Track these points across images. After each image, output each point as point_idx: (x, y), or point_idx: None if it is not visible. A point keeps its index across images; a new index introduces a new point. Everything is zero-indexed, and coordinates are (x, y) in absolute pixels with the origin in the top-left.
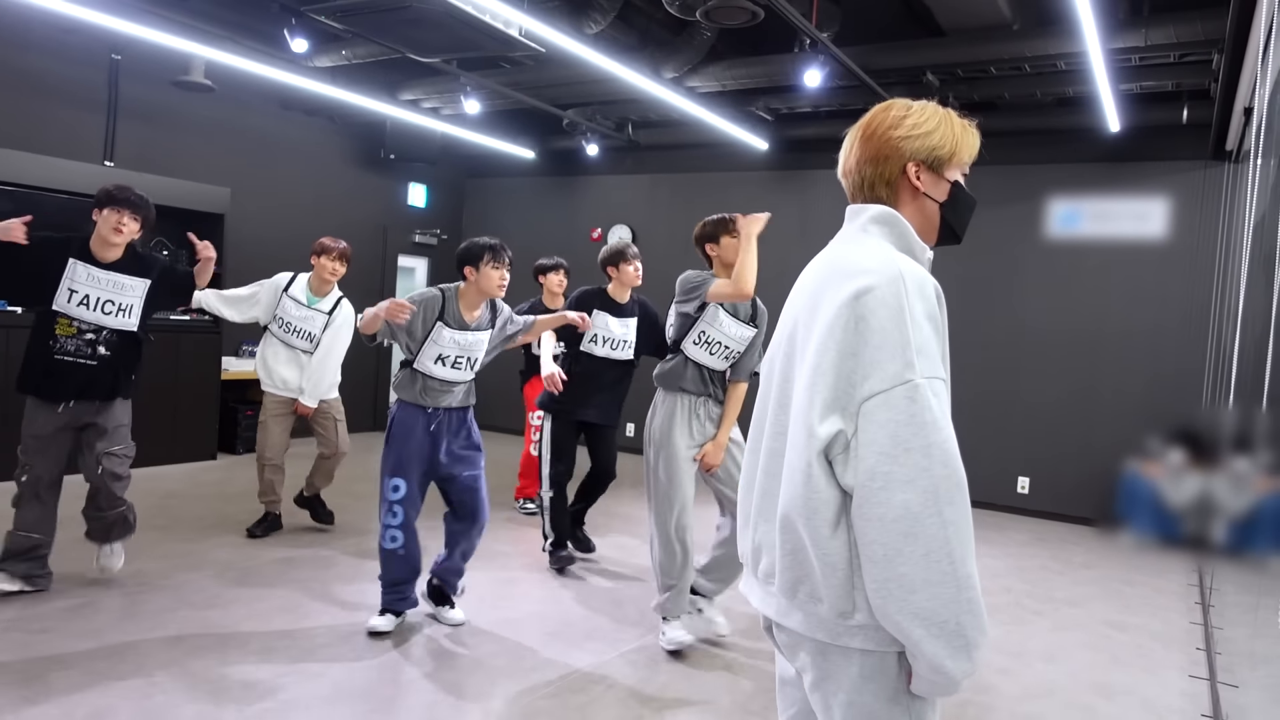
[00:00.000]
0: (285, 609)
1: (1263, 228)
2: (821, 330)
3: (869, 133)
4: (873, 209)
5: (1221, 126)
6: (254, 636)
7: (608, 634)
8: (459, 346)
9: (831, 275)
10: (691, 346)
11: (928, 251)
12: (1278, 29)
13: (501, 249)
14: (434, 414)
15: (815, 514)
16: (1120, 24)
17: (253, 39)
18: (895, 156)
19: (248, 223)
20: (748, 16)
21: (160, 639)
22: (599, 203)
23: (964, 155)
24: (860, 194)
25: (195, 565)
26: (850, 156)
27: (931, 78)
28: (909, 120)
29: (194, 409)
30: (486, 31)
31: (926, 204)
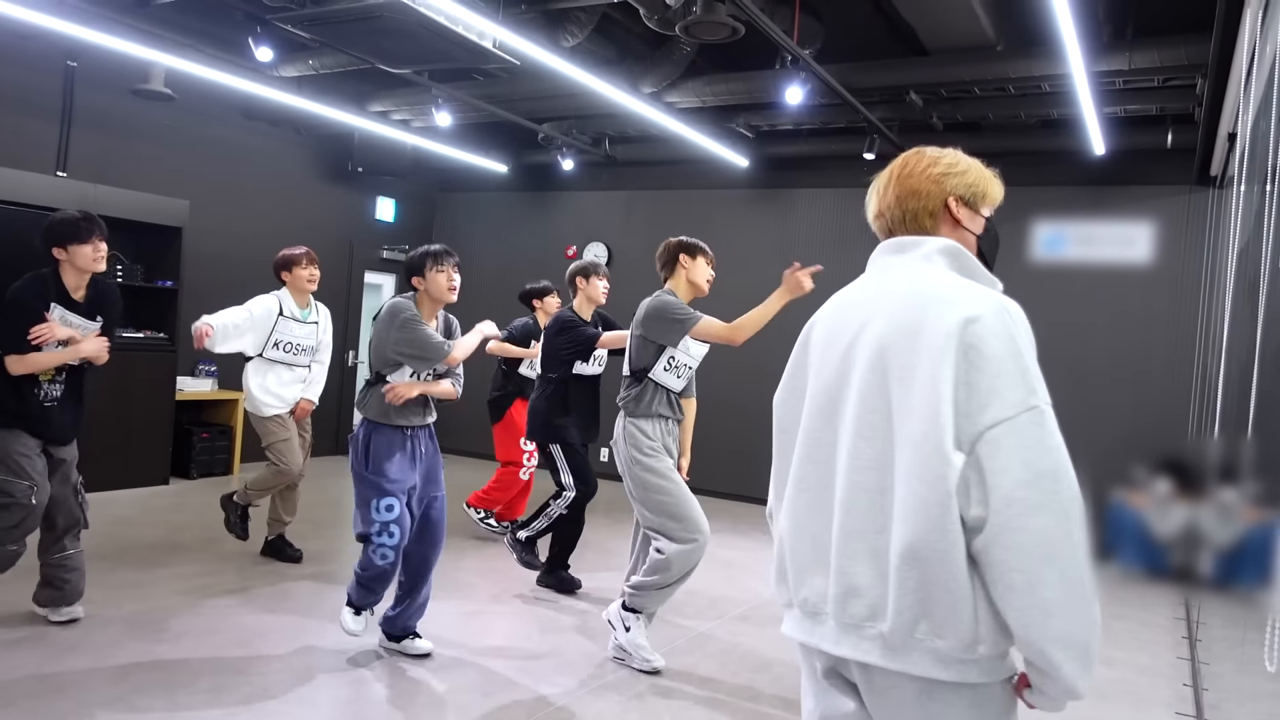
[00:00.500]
0: (239, 643)
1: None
2: (930, 359)
3: (906, 172)
4: (937, 240)
5: (1206, 152)
6: (205, 672)
7: (577, 666)
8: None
9: (921, 302)
10: (662, 373)
11: (998, 283)
12: (1260, 54)
13: (445, 252)
14: (410, 433)
15: (954, 546)
16: (1104, 47)
17: (215, 47)
18: (937, 191)
19: (207, 237)
20: (728, 32)
21: (105, 674)
22: (574, 219)
23: (994, 195)
24: (902, 228)
25: (144, 596)
26: (885, 195)
27: (915, 97)
28: (945, 160)
29: (146, 430)
30: (459, 43)
31: (965, 236)
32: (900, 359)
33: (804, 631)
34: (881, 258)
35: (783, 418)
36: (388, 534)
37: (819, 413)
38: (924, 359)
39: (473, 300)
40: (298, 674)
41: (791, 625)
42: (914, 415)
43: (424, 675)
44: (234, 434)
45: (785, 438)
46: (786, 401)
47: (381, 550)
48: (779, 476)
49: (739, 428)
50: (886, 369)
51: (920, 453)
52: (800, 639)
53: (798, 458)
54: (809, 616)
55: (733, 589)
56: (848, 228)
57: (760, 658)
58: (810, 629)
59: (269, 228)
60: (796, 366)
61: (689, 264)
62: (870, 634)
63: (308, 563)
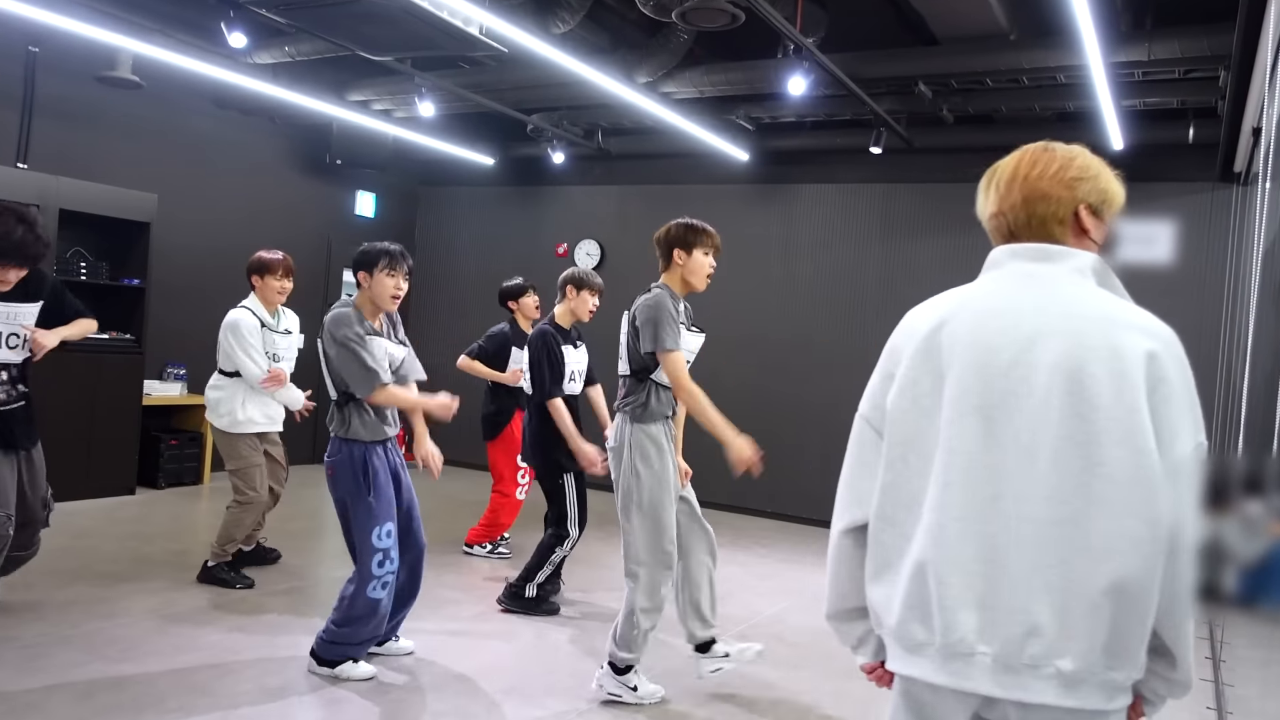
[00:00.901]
0: (209, 663)
1: (1273, 255)
2: (1130, 388)
3: (1036, 173)
4: (1086, 255)
5: (1229, 147)
6: (173, 693)
7: (569, 688)
8: (391, 358)
9: (1106, 325)
10: (661, 373)
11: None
12: None
13: (401, 256)
14: (387, 448)
15: (1156, 580)
16: (1122, 36)
17: (185, 32)
18: (1068, 198)
19: (176, 232)
20: (727, 19)
21: (67, 694)
22: (565, 215)
23: (1119, 203)
24: (1026, 232)
25: (108, 613)
26: (1009, 194)
27: (924, 88)
28: (1077, 162)
29: (111, 437)
30: (444, 29)
31: (1089, 246)
32: (1097, 386)
33: (949, 674)
34: (1021, 264)
35: (903, 430)
36: (389, 561)
37: (974, 434)
38: (1124, 387)
39: (457, 300)
40: (270, 694)
41: (926, 668)
42: (1118, 447)
43: (404, 696)
44: (204, 441)
45: (903, 451)
46: (908, 413)
47: (383, 580)
48: (888, 494)
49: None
50: (1081, 395)
51: (1133, 487)
52: (941, 682)
53: (944, 482)
54: (956, 658)
55: (732, 606)
56: (853, 225)
57: (762, 679)
58: (960, 670)
59: (242, 223)
60: (920, 373)
61: (683, 259)
62: (1046, 673)
63: (279, 578)
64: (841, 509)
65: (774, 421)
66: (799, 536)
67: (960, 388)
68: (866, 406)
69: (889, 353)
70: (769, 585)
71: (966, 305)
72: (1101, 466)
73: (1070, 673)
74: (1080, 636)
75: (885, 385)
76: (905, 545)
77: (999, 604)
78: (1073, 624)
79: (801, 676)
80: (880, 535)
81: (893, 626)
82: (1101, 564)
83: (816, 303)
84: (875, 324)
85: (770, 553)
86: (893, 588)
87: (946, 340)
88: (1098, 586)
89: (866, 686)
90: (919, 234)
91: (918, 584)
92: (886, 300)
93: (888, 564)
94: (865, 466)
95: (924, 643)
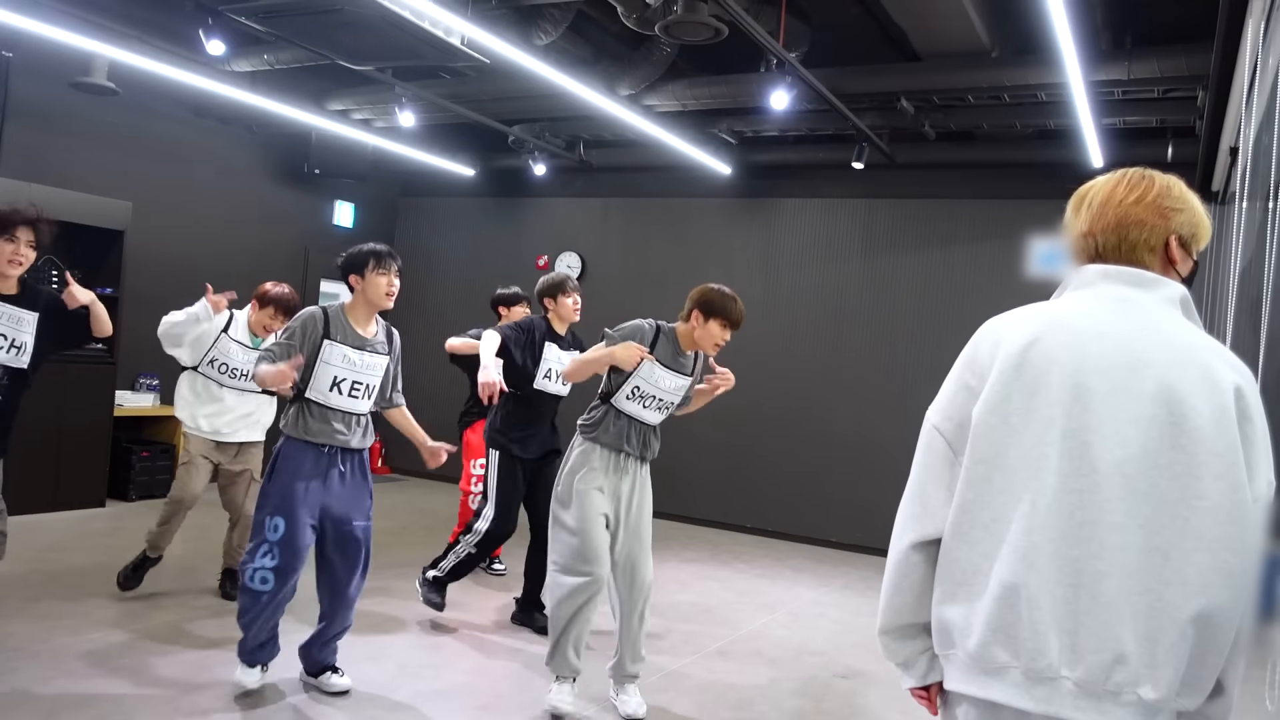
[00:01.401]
0: (178, 679)
1: (1249, 273)
2: (1225, 422)
3: (1134, 198)
4: (1176, 285)
5: (1207, 166)
6: (140, 710)
7: (543, 707)
8: (355, 368)
9: (1202, 357)
10: (625, 401)
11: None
12: (1263, 67)
13: (389, 255)
14: (329, 453)
15: (1241, 613)
16: (1102, 55)
17: (163, 38)
18: (1162, 226)
19: (151, 241)
20: (710, 33)
21: (30, 712)
22: (546, 227)
23: (1206, 240)
24: (1115, 255)
25: (76, 628)
26: (1104, 215)
27: (906, 104)
28: (1174, 192)
29: (82, 449)
30: (426, 39)
31: (1174, 277)
32: (1197, 419)
33: (1033, 699)
34: (1115, 287)
35: (989, 447)
36: (269, 554)
37: (1070, 457)
38: (1224, 422)
39: (438, 312)
40: (241, 713)
41: (1009, 692)
42: (1218, 480)
43: (380, 715)
44: (176, 453)
45: (988, 469)
46: (996, 429)
47: (261, 573)
48: (967, 511)
49: (719, 451)
50: (1181, 428)
51: (1229, 522)
52: (1024, 706)
53: (1035, 504)
54: (1041, 683)
55: (710, 622)
56: (835, 240)
57: (740, 695)
58: (1044, 696)
59: (218, 232)
60: (1012, 390)
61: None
62: (1127, 699)
63: None
64: (910, 522)
65: (755, 435)
66: (779, 552)
67: (1057, 409)
68: (939, 418)
69: (968, 363)
70: (748, 601)
71: (1061, 324)
72: (1200, 500)
73: (1151, 701)
74: (1164, 666)
75: (964, 397)
76: (984, 564)
77: (1087, 630)
78: (1158, 653)
79: (781, 693)
80: (954, 553)
81: (972, 648)
82: (1195, 596)
83: (798, 317)
84: (856, 338)
85: (749, 568)
86: (972, 608)
87: (1040, 358)
88: (1187, 617)
89: (846, 702)
90: (900, 249)
91: (1005, 606)
92: (868, 315)
93: (963, 583)
94: (938, 479)
95: (1007, 665)
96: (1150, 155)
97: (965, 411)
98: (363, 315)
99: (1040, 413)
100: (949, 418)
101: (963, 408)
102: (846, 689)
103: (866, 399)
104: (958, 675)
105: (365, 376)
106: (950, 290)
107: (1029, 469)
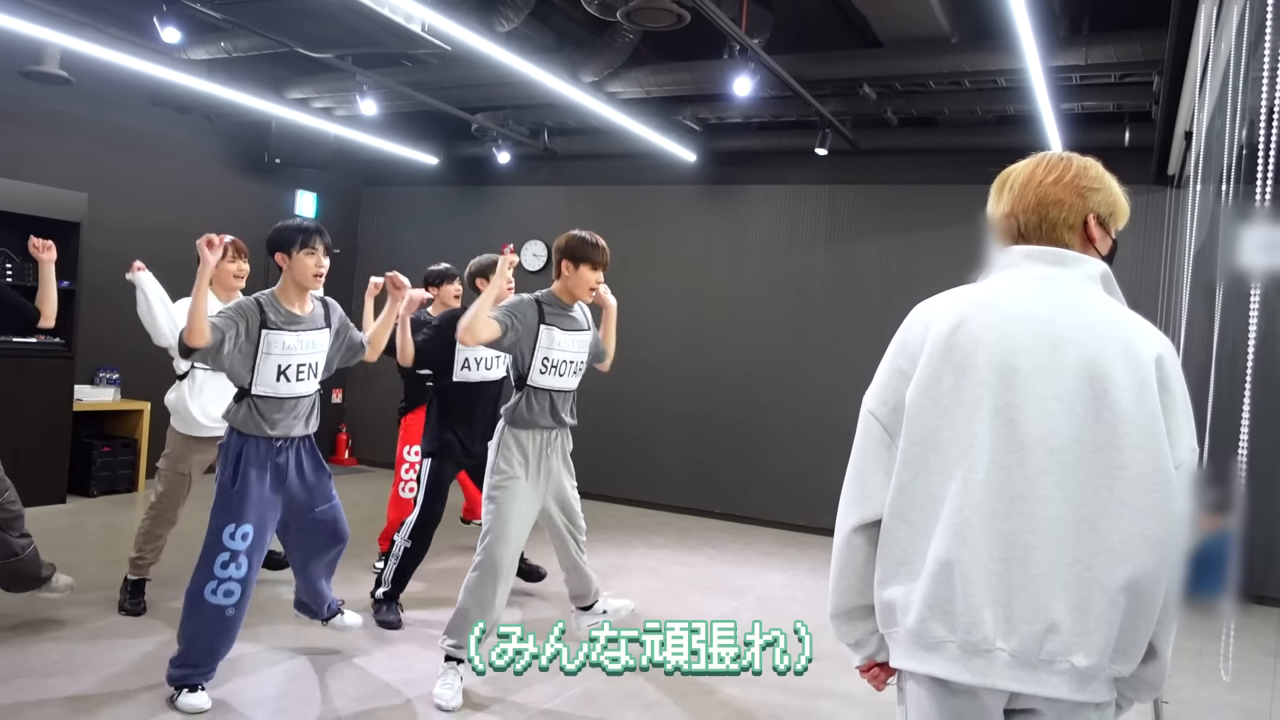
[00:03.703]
0: (139, 671)
1: (1203, 256)
2: (1147, 393)
3: (1052, 178)
4: (1095, 262)
5: (1163, 151)
6: (104, 706)
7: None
8: (295, 351)
9: (1124, 331)
10: (540, 377)
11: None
12: (1215, 53)
13: (318, 231)
14: (281, 445)
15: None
16: (1060, 41)
17: (117, 26)
18: (1080, 205)
19: (107, 233)
20: (672, 19)
21: None
22: (511, 215)
23: (1125, 218)
24: (1037, 235)
25: (37, 626)
26: (1024, 196)
27: (868, 90)
28: (1090, 172)
29: (40, 444)
30: (386, 26)
31: (1094, 255)
32: (1119, 391)
33: (970, 671)
34: (1037, 266)
35: (923, 428)
36: (234, 564)
37: (998, 435)
38: (1144, 394)
39: None
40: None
41: (947, 666)
42: (1139, 450)
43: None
44: (139, 448)
45: (922, 450)
46: (929, 411)
47: (226, 585)
48: (905, 492)
49: (687, 437)
50: (1104, 400)
51: (1152, 490)
52: (961, 679)
53: (968, 481)
54: (977, 655)
55: (680, 608)
56: (800, 225)
57: (709, 680)
58: (980, 668)
59: (176, 223)
60: (942, 371)
61: (570, 272)
62: (1061, 668)
63: None
64: (851, 505)
65: (722, 421)
66: (748, 537)
67: (985, 388)
68: (874, 403)
69: (900, 348)
70: (717, 586)
71: (987, 305)
72: (1123, 470)
73: (1084, 669)
74: (1095, 633)
75: (897, 381)
76: (923, 543)
77: (1019, 602)
78: (1089, 621)
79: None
80: (895, 533)
81: (911, 625)
82: (1121, 564)
83: (763, 302)
84: (821, 323)
85: (719, 553)
86: (911, 586)
87: (967, 339)
88: (1116, 585)
89: (814, 684)
90: (864, 234)
91: (940, 582)
92: (833, 300)
93: (903, 562)
94: (875, 463)
95: (944, 640)
96: (1107, 140)
97: (899, 395)
98: (294, 295)
99: (969, 393)
100: (883, 402)
101: (896, 391)
102: (815, 671)
103: (832, 384)
104: (900, 652)
105: (308, 356)
106: (914, 275)
107: (960, 448)
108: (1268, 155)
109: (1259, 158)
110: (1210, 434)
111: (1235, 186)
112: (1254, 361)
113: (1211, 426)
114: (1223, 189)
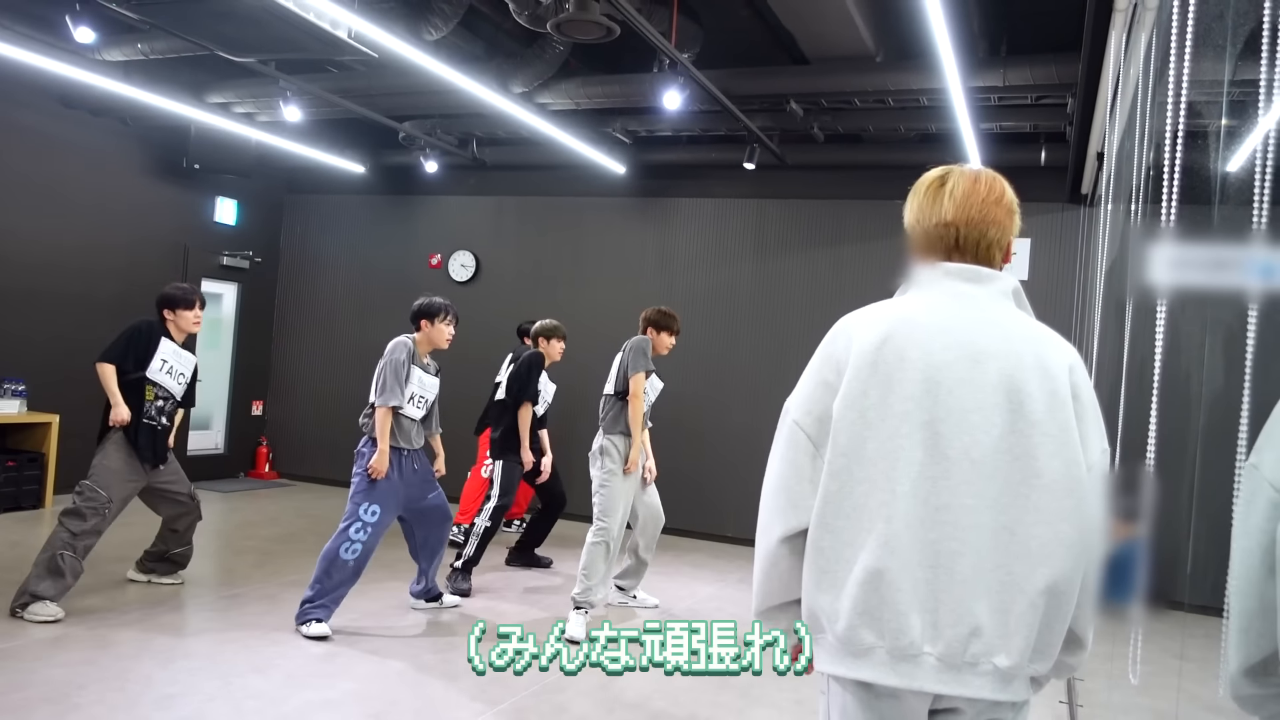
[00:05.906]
0: (48, 699)
1: (1114, 272)
2: (1060, 403)
3: (993, 198)
4: (1009, 278)
5: (1077, 170)
6: None
7: (440, 713)
8: (424, 387)
9: (1037, 346)
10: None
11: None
12: (1125, 76)
13: (452, 309)
14: (406, 455)
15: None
16: (980, 63)
17: (26, 24)
18: (1010, 226)
19: (15, 238)
20: (602, 32)
21: None
22: (439, 226)
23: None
24: (972, 251)
25: None
26: (966, 209)
27: (795, 106)
28: (1008, 194)
29: None
30: (309, 31)
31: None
32: (1032, 404)
33: (898, 676)
34: (955, 284)
35: (849, 440)
36: (363, 529)
37: (922, 447)
38: (1056, 405)
39: (325, 313)
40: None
41: (876, 671)
42: (1053, 459)
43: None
44: (46, 462)
45: (848, 461)
46: (855, 424)
47: (353, 545)
48: (830, 502)
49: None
50: (1019, 412)
51: (1065, 496)
52: (890, 683)
53: (893, 492)
54: (904, 660)
55: (612, 617)
56: (728, 239)
57: (639, 691)
58: (907, 672)
59: (89, 230)
60: (868, 385)
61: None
62: (984, 669)
63: (131, 607)
64: (776, 516)
65: (649, 433)
66: (678, 549)
67: (911, 403)
68: (799, 413)
69: (824, 360)
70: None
71: (910, 321)
72: (1038, 478)
73: (1005, 669)
74: (1015, 635)
75: (822, 393)
76: (849, 553)
77: (945, 607)
78: (1010, 624)
79: (678, 688)
80: (820, 542)
81: (840, 632)
82: (1039, 567)
83: (691, 315)
84: (748, 336)
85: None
86: (837, 594)
87: (893, 355)
88: (1035, 588)
89: (742, 693)
90: (790, 248)
91: (869, 590)
92: (760, 313)
93: (829, 571)
94: (800, 473)
95: (873, 646)
96: (1024, 159)
97: (824, 406)
98: (425, 349)
99: (895, 407)
100: (808, 413)
101: (821, 402)
102: (742, 681)
103: (759, 395)
104: (827, 658)
105: (427, 392)
106: (839, 289)
107: (887, 460)
108: (1173, 176)
109: (1164, 178)
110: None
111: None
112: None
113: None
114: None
